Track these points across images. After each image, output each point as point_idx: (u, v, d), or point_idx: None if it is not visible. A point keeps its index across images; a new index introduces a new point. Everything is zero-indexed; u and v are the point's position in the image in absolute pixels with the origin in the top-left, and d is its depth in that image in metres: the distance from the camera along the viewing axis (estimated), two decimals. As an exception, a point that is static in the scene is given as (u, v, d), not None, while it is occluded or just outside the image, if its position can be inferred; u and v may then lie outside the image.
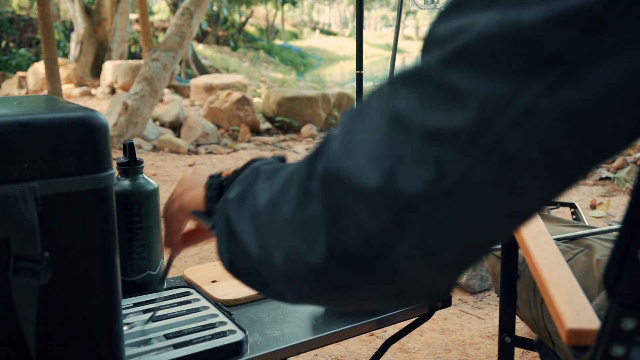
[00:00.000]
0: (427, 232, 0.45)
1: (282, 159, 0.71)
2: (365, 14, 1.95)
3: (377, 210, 0.45)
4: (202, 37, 19.19)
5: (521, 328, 2.29)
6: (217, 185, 0.74)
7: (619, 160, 4.98)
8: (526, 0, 0.40)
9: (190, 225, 0.91)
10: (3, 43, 13.91)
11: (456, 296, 2.64)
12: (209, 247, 3.30)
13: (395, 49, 1.28)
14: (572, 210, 2.90)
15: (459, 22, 0.43)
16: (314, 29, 40.06)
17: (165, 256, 1.02)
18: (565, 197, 4.31)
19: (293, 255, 0.52)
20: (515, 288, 1.08)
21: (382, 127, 0.46)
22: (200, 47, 17.57)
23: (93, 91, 11.00)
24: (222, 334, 1.02)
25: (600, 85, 0.38)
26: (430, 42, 0.45)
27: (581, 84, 0.39)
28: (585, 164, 0.43)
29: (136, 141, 6.16)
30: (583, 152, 0.41)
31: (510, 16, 0.40)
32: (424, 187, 0.43)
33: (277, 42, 26.12)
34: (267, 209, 0.56)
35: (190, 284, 1.29)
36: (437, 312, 1.46)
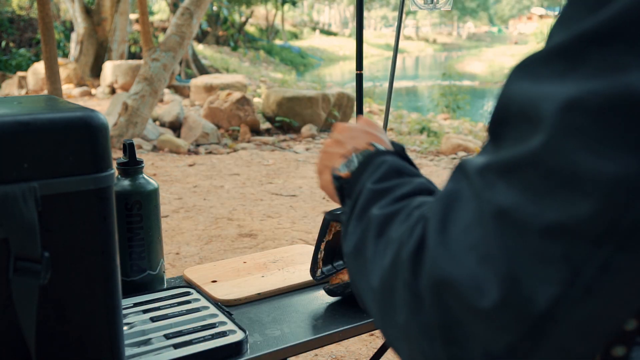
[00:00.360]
0: (564, 336, 0.40)
1: (402, 150, 0.67)
2: (365, 14, 1.95)
3: (503, 327, 0.40)
4: (202, 37, 19.20)
5: (521, 328, 2.29)
6: (339, 187, 0.69)
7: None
8: (623, 63, 0.36)
9: None
10: (3, 43, 13.91)
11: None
12: (209, 247, 3.30)
13: (396, 50, 1.28)
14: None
15: (534, 90, 0.40)
16: (314, 29, 40.06)
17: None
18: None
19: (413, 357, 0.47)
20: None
21: (487, 226, 0.41)
22: (200, 47, 17.58)
23: (93, 91, 11.00)
24: (222, 334, 1.02)
25: None
26: (504, 112, 0.42)
27: None
28: None
29: (136, 141, 6.16)
30: None
31: (614, 83, 0.36)
32: (558, 290, 0.38)
33: (277, 42, 26.13)
34: (380, 295, 0.51)
35: (190, 284, 1.29)
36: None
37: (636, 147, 0.36)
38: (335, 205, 4.36)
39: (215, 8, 19.09)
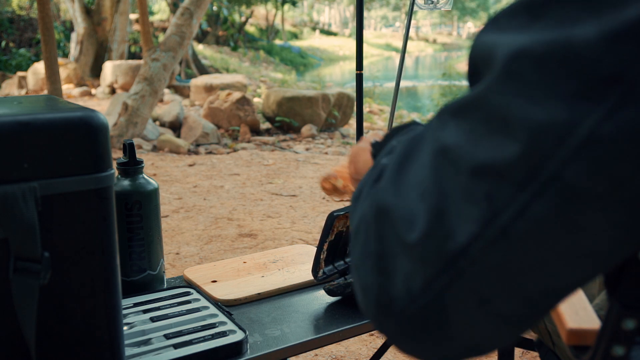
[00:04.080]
0: (479, 279, 0.40)
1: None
2: (365, 14, 1.95)
3: (423, 260, 0.42)
4: (202, 37, 19.19)
5: (521, 328, 2.29)
6: (378, 150, 0.72)
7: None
8: (575, 18, 0.37)
9: None
10: (3, 43, 13.91)
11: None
12: (209, 247, 3.30)
13: (404, 50, 1.28)
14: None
15: (496, 39, 0.40)
16: (314, 29, 40.05)
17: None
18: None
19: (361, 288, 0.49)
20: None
21: (430, 162, 0.43)
22: (200, 47, 17.58)
23: (93, 91, 11.00)
24: (222, 334, 1.02)
25: None
26: (473, 63, 0.43)
27: None
28: None
29: (136, 141, 6.16)
30: None
31: (559, 35, 0.37)
32: (476, 228, 0.40)
33: (277, 42, 26.13)
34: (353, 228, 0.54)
35: (190, 284, 1.29)
36: (437, 312, 1.46)
37: (567, 96, 0.36)
38: (336, 206, 4.35)
39: (215, 8, 19.09)
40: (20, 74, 11.05)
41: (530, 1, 0.41)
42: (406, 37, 1.26)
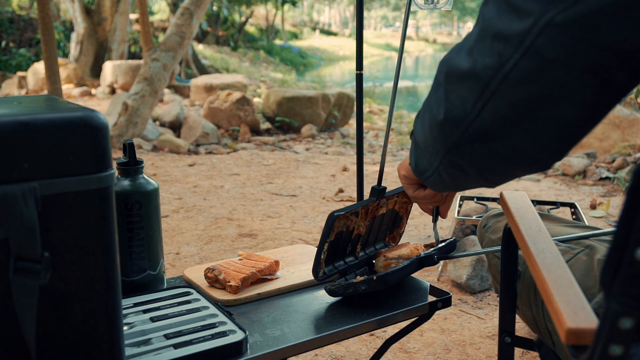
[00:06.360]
0: (502, 103, 0.66)
1: None
2: (365, 14, 1.95)
3: (469, 88, 0.69)
4: (202, 37, 19.19)
5: (521, 328, 2.29)
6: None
7: (618, 160, 4.97)
8: None
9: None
10: (3, 43, 13.91)
11: (456, 296, 2.64)
12: (209, 247, 3.30)
13: (402, 50, 1.28)
14: (572, 210, 2.90)
15: None
16: (314, 29, 40.04)
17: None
18: (566, 197, 4.31)
19: (432, 117, 0.79)
20: (515, 288, 1.08)
21: (477, 27, 0.69)
22: (200, 47, 17.57)
23: (93, 91, 10.99)
24: (222, 334, 1.02)
25: (599, 3, 0.56)
26: None
27: (587, 3, 0.57)
28: (607, 71, 0.59)
29: (136, 141, 6.16)
30: (600, 57, 0.59)
31: None
32: (492, 72, 0.66)
33: (277, 42, 26.12)
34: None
35: (190, 284, 1.29)
36: (437, 312, 1.46)
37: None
38: (337, 206, 4.35)
39: (215, 8, 19.08)
40: (20, 74, 11.05)
41: None
42: (403, 37, 1.26)
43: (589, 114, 0.64)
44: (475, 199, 3.12)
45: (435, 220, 1.25)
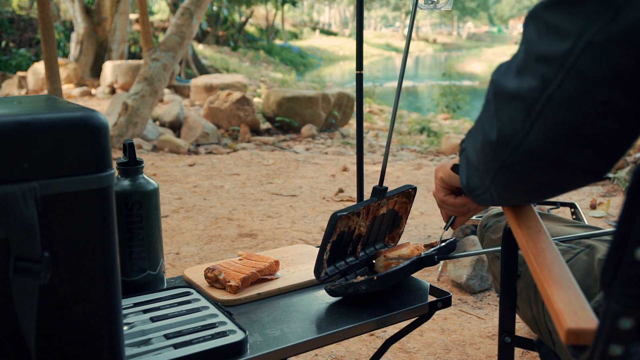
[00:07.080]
0: (549, 124, 0.68)
1: None
2: (365, 14, 1.95)
3: (516, 109, 0.71)
4: (202, 37, 19.19)
5: (521, 328, 2.29)
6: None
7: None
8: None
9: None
10: (3, 43, 13.91)
11: (456, 296, 2.64)
12: (209, 247, 3.30)
13: (406, 53, 1.28)
14: (572, 210, 2.90)
15: None
16: (314, 29, 40.04)
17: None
18: (565, 197, 4.31)
19: (484, 136, 0.80)
20: (515, 288, 1.08)
21: (522, 48, 0.71)
22: (200, 47, 17.57)
23: (93, 91, 10.99)
24: (222, 334, 1.02)
25: (636, 19, 0.58)
26: None
27: (624, 20, 0.59)
28: None
29: (136, 141, 6.16)
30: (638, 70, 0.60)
31: None
32: (536, 94, 0.68)
33: (277, 42, 26.12)
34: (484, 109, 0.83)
35: (190, 284, 1.29)
36: (437, 312, 1.46)
37: (584, 15, 0.62)
38: (337, 206, 4.33)
39: (215, 8, 19.08)
40: (20, 74, 11.05)
41: None
42: (409, 39, 1.26)
43: (636, 122, 0.65)
44: (475, 199, 3.12)
45: (446, 229, 1.23)
